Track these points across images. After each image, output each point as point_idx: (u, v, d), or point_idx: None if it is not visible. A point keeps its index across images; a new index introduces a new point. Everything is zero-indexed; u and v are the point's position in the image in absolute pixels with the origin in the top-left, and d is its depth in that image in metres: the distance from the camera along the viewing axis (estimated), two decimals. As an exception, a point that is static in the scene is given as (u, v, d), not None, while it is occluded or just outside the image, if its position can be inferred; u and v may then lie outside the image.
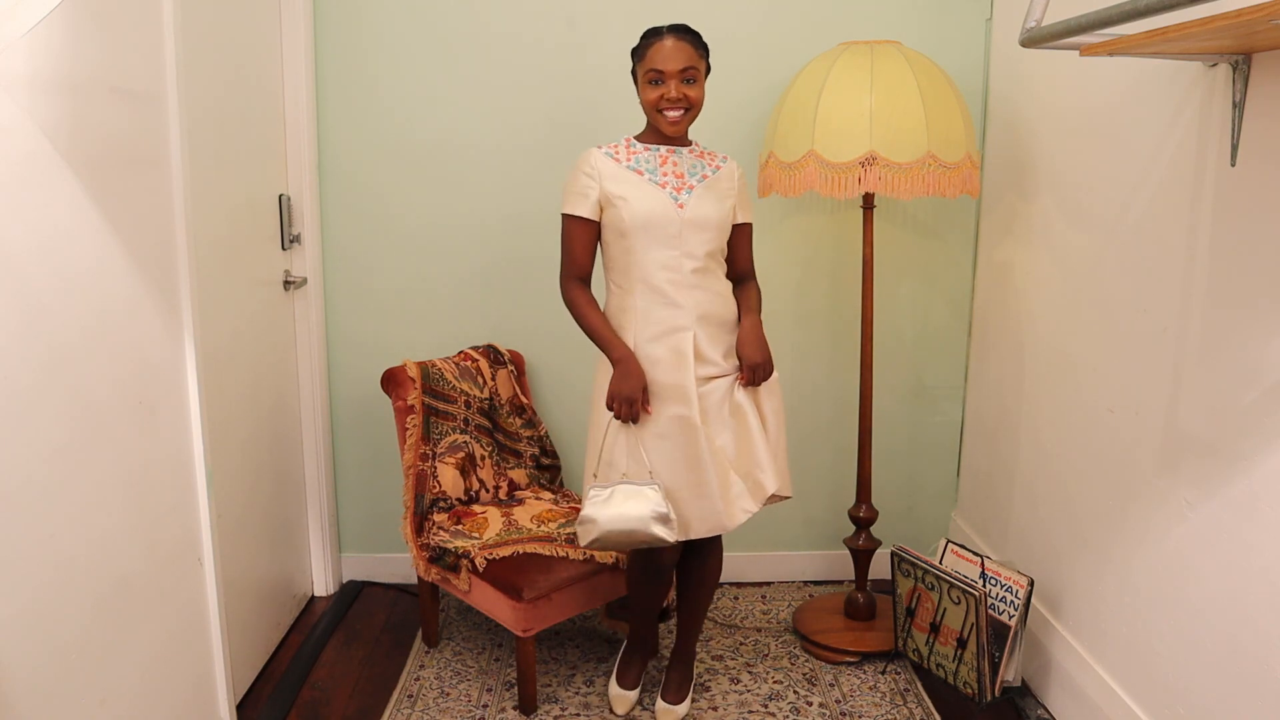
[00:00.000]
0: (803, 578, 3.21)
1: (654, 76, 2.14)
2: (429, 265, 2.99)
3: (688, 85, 2.15)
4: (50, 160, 1.61)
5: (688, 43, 2.15)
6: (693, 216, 2.18)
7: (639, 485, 2.14)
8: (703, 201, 2.20)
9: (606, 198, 2.17)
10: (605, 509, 2.12)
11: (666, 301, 2.18)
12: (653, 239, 2.16)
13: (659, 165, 2.21)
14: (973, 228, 3.02)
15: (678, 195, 2.19)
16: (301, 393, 2.95)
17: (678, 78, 2.13)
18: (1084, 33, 1.70)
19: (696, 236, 2.18)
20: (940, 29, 2.87)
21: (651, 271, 2.18)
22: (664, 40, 2.14)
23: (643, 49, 2.17)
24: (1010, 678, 2.40)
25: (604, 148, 2.22)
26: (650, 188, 2.18)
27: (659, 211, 2.16)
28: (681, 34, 2.16)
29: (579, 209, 2.20)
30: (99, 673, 1.75)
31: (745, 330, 2.24)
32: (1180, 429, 1.95)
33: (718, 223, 2.22)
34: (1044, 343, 2.55)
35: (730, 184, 2.27)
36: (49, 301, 1.62)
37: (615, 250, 2.22)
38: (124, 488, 1.85)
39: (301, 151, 2.81)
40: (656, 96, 2.14)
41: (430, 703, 2.50)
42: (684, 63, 2.13)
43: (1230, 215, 1.80)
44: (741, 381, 2.22)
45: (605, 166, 2.19)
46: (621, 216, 2.16)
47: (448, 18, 2.86)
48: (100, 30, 1.75)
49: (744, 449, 2.22)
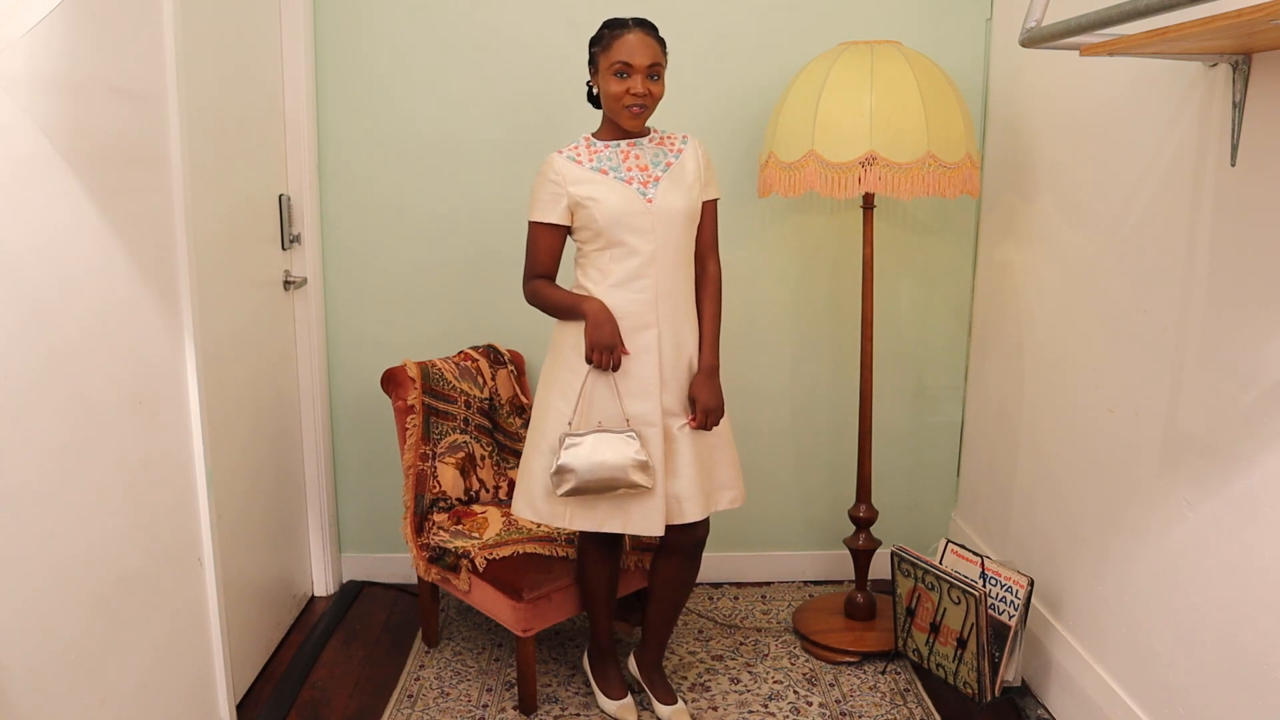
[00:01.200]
0: (803, 578, 3.21)
1: (620, 69, 2.12)
2: (429, 265, 2.99)
3: (652, 81, 2.14)
4: (50, 160, 1.61)
5: (653, 38, 2.13)
6: (662, 208, 2.18)
7: (617, 433, 2.14)
8: (670, 193, 2.19)
9: (575, 202, 2.17)
10: (583, 457, 2.12)
11: (636, 299, 2.17)
12: (625, 236, 2.16)
13: (621, 161, 2.20)
14: (973, 228, 3.02)
15: (645, 190, 2.18)
16: (301, 392, 2.95)
17: (644, 73, 2.12)
18: (1084, 33, 1.69)
19: (668, 230, 2.18)
20: (940, 29, 2.87)
21: (623, 270, 2.18)
22: (630, 33, 2.11)
23: (607, 40, 2.14)
24: (1010, 678, 2.40)
25: (564, 151, 2.21)
26: (617, 185, 2.17)
27: (629, 207, 2.16)
28: (647, 29, 2.14)
29: (548, 215, 2.20)
30: (99, 672, 1.76)
31: (702, 371, 2.23)
32: (1180, 429, 1.95)
33: (686, 212, 2.21)
34: (1044, 343, 2.55)
35: (695, 166, 2.25)
36: (49, 301, 1.62)
37: (587, 250, 2.22)
38: (124, 488, 1.85)
39: (301, 151, 2.82)
40: (622, 90, 2.13)
41: (430, 703, 2.50)
42: (650, 58, 2.11)
43: (1230, 215, 1.80)
44: (691, 425, 2.20)
45: (569, 171, 2.18)
46: (594, 216, 2.16)
47: (448, 17, 2.86)
48: (100, 30, 1.75)
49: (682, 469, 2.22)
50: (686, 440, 2.21)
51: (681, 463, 2.21)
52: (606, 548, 2.36)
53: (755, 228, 2.96)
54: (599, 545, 2.34)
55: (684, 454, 2.21)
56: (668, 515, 2.20)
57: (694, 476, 2.21)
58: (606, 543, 2.34)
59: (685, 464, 2.21)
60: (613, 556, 2.38)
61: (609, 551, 2.37)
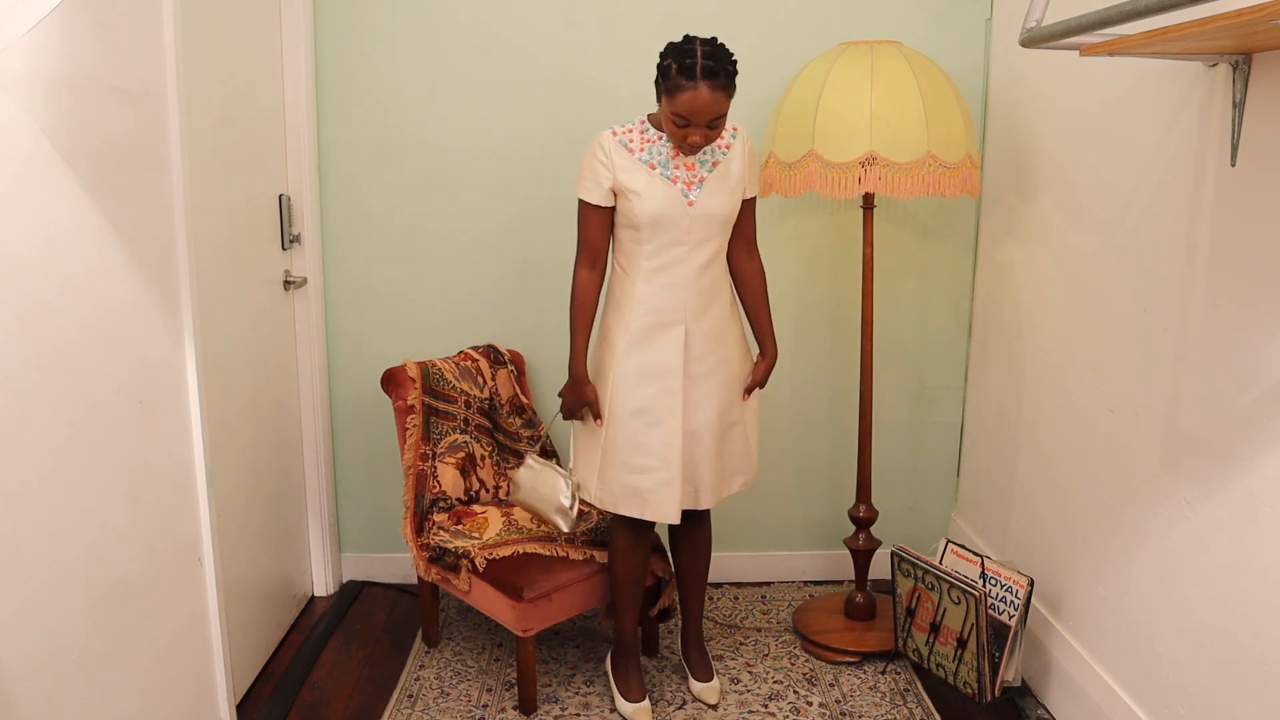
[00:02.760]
0: (803, 578, 3.21)
1: (680, 121, 2.07)
2: (429, 265, 2.99)
3: (712, 130, 2.10)
4: (50, 160, 1.61)
5: (721, 91, 2.03)
6: (702, 212, 2.20)
7: (559, 474, 2.37)
8: (713, 196, 2.21)
9: (620, 188, 2.18)
10: (529, 480, 2.44)
11: (666, 294, 2.21)
12: (661, 233, 2.19)
13: (670, 158, 2.20)
14: (973, 228, 3.02)
15: (688, 191, 2.19)
16: (301, 392, 2.95)
17: (704, 125, 2.08)
18: (1084, 33, 1.69)
19: (704, 230, 2.21)
20: (940, 29, 2.87)
21: (656, 264, 2.21)
22: (698, 90, 2.02)
23: (673, 87, 2.04)
24: (1010, 678, 2.40)
25: (618, 132, 2.20)
26: (662, 183, 2.18)
27: (670, 209, 2.17)
28: (714, 81, 2.02)
29: (593, 196, 2.21)
30: (99, 673, 1.75)
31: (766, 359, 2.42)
32: (1180, 429, 1.95)
33: (725, 216, 2.24)
34: (1044, 343, 2.55)
35: (741, 164, 2.25)
36: (49, 301, 1.62)
37: (624, 236, 2.24)
38: (124, 488, 1.85)
39: (301, 151, 2.81)
40: (680, 137, 2.11)
41: (430, 703, 2.50)
42: (713, 115, 2.05)
43: (1230, 215, 1.80)
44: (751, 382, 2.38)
45: (618, 156, 2.18)
46: (634, 210, 2.17)
47: (448, 18, 2.86)
48: (100, 30, 1.75)
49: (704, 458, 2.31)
50: (709, 436, 2.28)
51: (700, 454, 2.29)
52: (638, 537, 2.36)
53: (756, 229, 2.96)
54: (632, 534, 2.35)
55: (704, 447, 2.29)
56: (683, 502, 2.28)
57: (712, 467, 2.31)
58: (639, 532, 2.35)
59: (705, 457, 2.29)
60: (644, 547, 2.39)
61: (641, 541, 2.37)
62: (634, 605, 2.43)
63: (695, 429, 2.26)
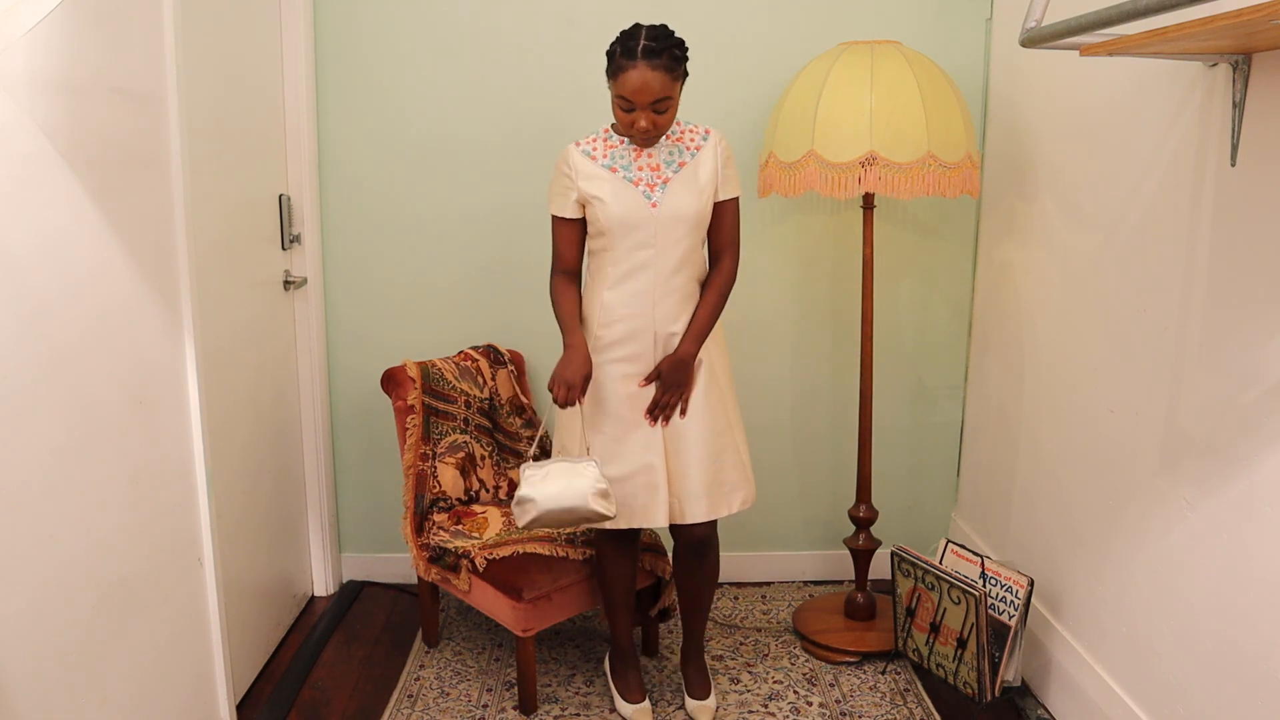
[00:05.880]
0: (803, 578, 3.21)
1: (625, 105, 2.07)
2: (429, 265, 2.99)
3: (658, 114, 2.08)
4: (50, 160, 1.61)
5: (662, 70, 2.02)
6: (667, 214, 2.17)
7: (575, 462, 2.13)
8: (678, 197, 2.17)
9: (585, 196, 2.19)
10: (542, 487, 2.10)
11: (634, 301, 2.19)
12: (628, 236, 2.17)
13: (633, 160, 2.19)
14: (973, 228, 3.02)
15: (651, 193, 2.17)
16: (301, 392, 2.95)
17: (649, 109, 2.06)
18: (1084, 33, 1.70)
19: (671, 234, 2.17)
20: (940, 29, 2.87)
21: (624, 269, 2.19)
22: (638, 68, 2.01)
23: (616, 69, 2.05)
24: (1010, 678, 2.40)
25: (581, 144, 2.21)
26: (624, 187, 2.17)
27: (633, 213, 2.16)
28: (655, 61, 2.01)
29: (562, 210, 2.22)
30: (99, 672, 1.76)
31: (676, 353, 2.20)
32: (1180, 429, 1.95)
33: (694, 217, 2.19)
34: (1044, 343, 2.55)
35: (712, 165, 2.21)
36: (49, 301, 1.62)
37: (593, 246, 2.25)
38: (124, 488, 1.85)
39: (301, 151, 2.81)
40: (627, 123, 2.10)
41: (430, 703, 2.50)
42: (655, 95, 2.03)
43: (1230, 215, 1.80)
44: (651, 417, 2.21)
45: (582, 165, 2.19)
46: (598, 217, 2.18)
47: (448, 17, 2.86)
48: (100, 30, 1.75)
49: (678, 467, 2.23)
50: (693, 438, 2.21)
51: (686, 460, 2.21)
52: (622, 546, 2.35)
53: (755, 228, 2.95)
54: (615, 544, 2.34)
55: (690, 452, 2.21)
56: (670, 514, 2.21)
57: (699, 476, 2.21)
58: (622, 542, 2.34)
59: (690, 462, 2.21)
60: (629, 556, 2.38)
61: (625, 550, 2.36)
62: (626, 612, 2.43)
63: (675, 435, 2.21)
